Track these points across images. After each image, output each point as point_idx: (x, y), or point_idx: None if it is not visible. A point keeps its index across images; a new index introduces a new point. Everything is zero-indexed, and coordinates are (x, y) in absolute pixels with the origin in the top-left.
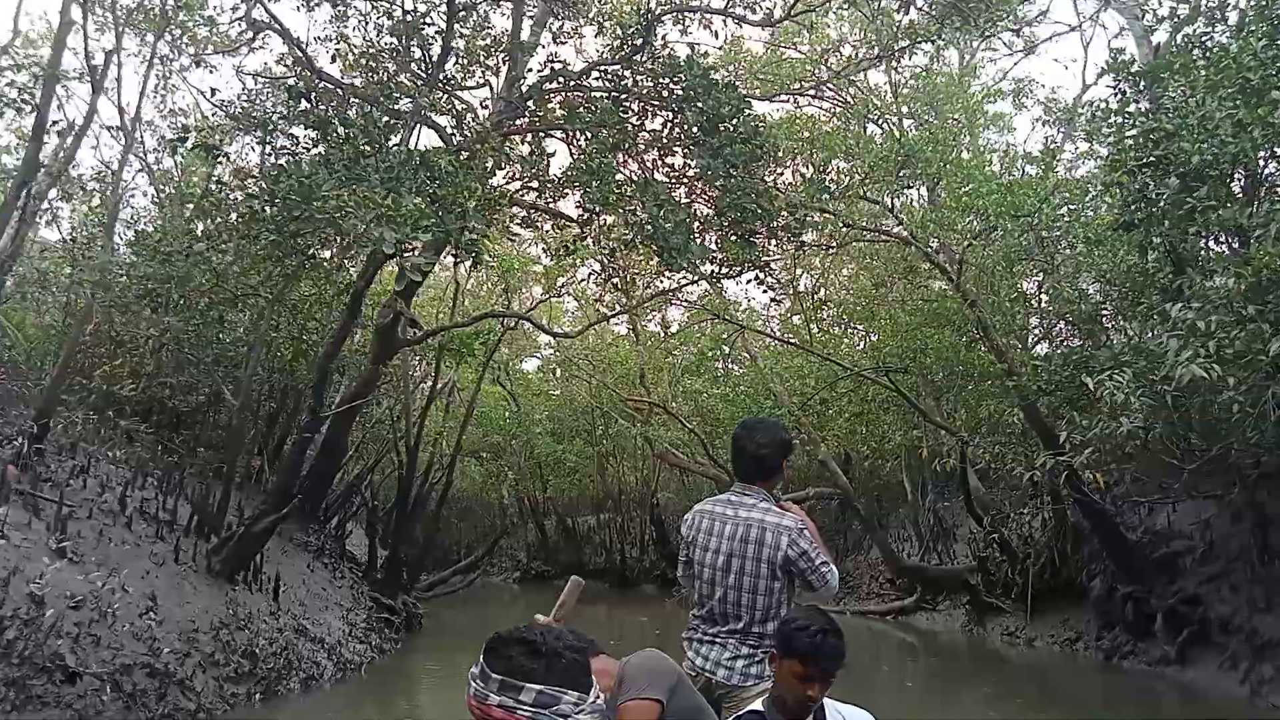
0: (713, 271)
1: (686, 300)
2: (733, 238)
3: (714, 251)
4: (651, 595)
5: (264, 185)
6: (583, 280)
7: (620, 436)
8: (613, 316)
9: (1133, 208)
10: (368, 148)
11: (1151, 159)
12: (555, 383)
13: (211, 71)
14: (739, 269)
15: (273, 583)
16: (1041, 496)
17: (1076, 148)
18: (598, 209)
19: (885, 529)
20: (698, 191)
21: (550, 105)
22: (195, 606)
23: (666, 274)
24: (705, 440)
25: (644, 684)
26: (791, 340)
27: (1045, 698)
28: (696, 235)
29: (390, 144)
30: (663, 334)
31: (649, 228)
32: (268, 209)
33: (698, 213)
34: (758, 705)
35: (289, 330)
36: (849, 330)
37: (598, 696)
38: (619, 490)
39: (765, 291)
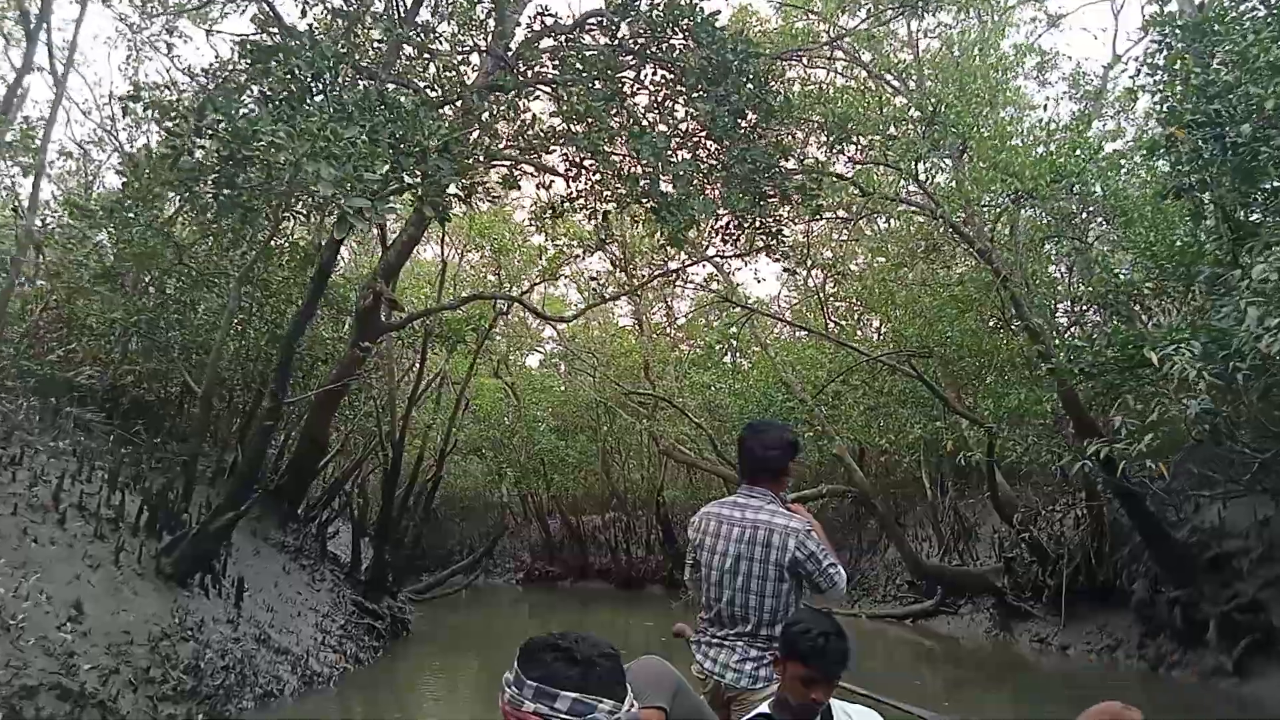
0: (717, 229)
1: (692, 282)
2: (739, 194)
3: (718, 207)
4: (657, 596)
5: (188, 121)
6: (577, 255)
7: (625, 432)
8: (611, 300)
9: (1186, 168)
10: (317, 85)
11: (1203, 117)
12: (559, 378)
13: (185, 41)
14: (746, 234)
15: (235, 587)
16: (1074, 492)
17: (1104, 125)
18: (586, 158)
19: (903, 528)
20: (701, 149)
21: (539, 59)
22: (133, 615)
23: (669, 253)
24: (713, 436)
25: (645, 693)
26: (804, 326)
27: (1081, 709)
28: (698, 189)
29: (341, 81)
30: (668, 327)
31: (644, 181)
32: (195, 151)
33: (701, 167)
34: (765, 708)
35: (263, 314)
36: (862, 321)
37: (632, 705)
38: (625, 489)
39: (776, 260)
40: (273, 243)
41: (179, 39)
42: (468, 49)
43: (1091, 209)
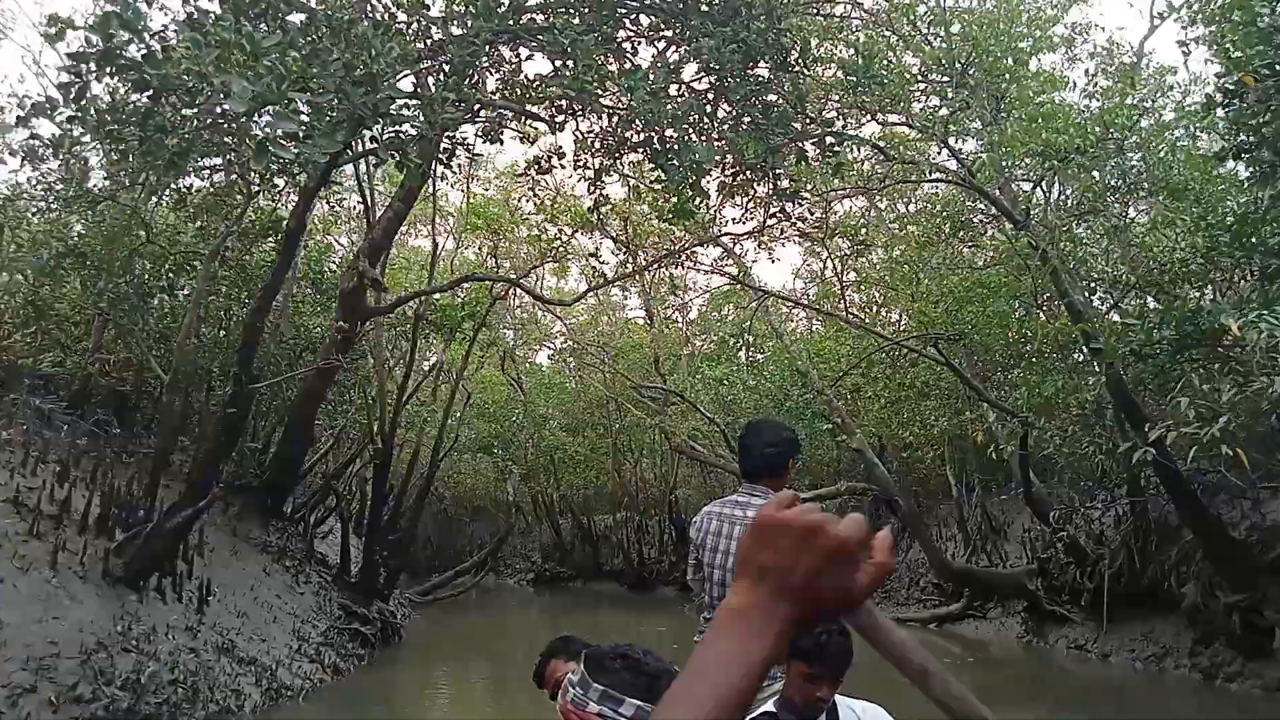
0: (725, 184)
1: (702, 265)
2: (748, 140)
3: (725, 153)
4: (670, 598)
5: (94, 40)
6: (577, 233)
7: (636, 429)
8: (615, 281)
9: (1251, 123)
10: (255, 9)
11: (1267, 68)
12: (568, 374)
13: (161, 10)
14: (758, 203)
15: (200, 590)
16: (1114, 487)
17: (1139, 100)
18: (573, 96)
19: (925, 527)
20: (705, 102)
21: (530, 12)
22: (65, 623)
23: (676, 236)
24: (727, 432)
25: None
26: (821, 309)
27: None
28: (704, 141)
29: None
30: (680, 320)
31: (639, 124)
32: (102, 79)
33: (705, 110)
34: (770, 706)
35: (240, 298)
36: (882, 313)
37: None
38: (637, 488)
39: (792, 228)
40: (246, 220)
41: (155, 8)
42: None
43: (1132, 182)
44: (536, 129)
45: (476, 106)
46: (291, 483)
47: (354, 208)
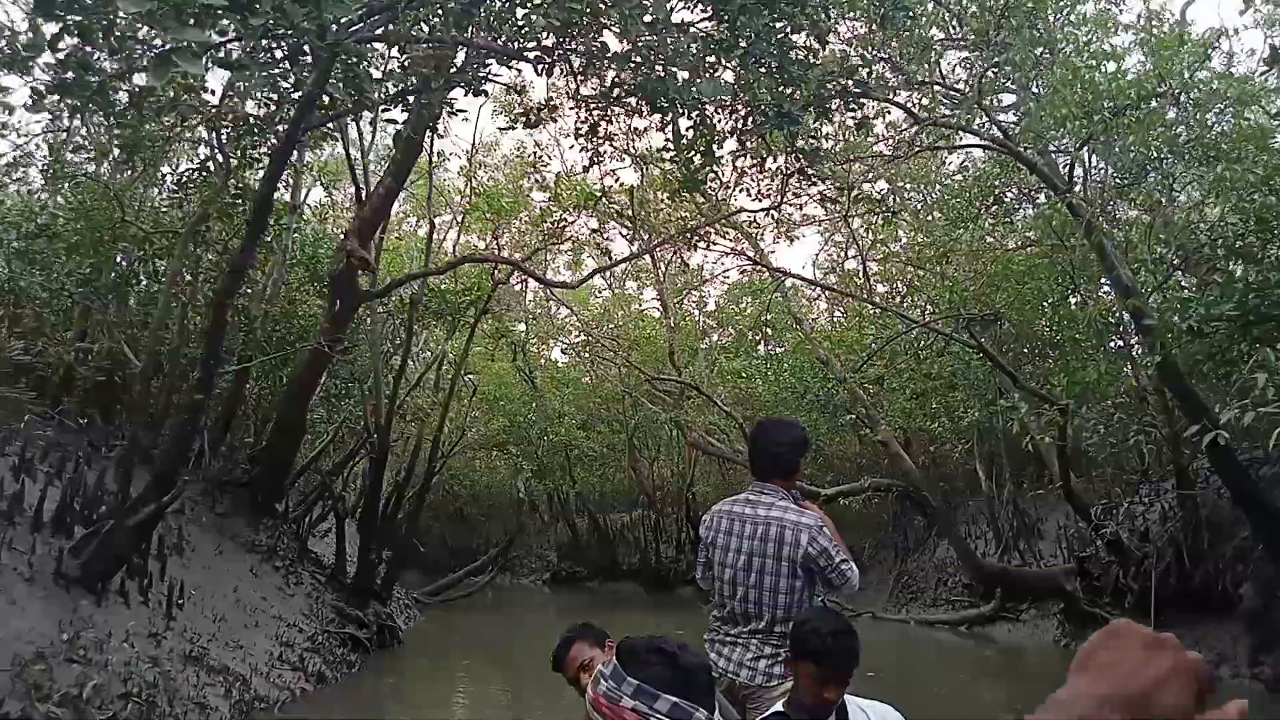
0: (737, 128)
1: (716, 247)
2: (757, 74)
3: (732, 90)
4: (688, 598)
5: None
6: (579, 210)
7: (651, 425)
8: (623, 263)
9: None
10: None
11: None
12: (582, 368)
13: None
14: (775, 173)
15: (172, 592)
16: (1158, 481)
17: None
18: (557, 27)
19: (955, 524)
20: (713, 41)
21: None
22: (2, 630)
23: (687, 217)
24: (744, 426)
25: None
26: (844, 291)
27: None
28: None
29: None
30: (697, 312)
31: (636, 60)
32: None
33: (710, 44)
34: (780, 706)
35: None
36: (906, 300)
37: None
38: (654, 485)
39: (811, 184)
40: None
41: None
42: None
43: (1180, 149)
44: (521, 71)
45: (459, 50)
46: (283, 478)
47: (351, 195)
